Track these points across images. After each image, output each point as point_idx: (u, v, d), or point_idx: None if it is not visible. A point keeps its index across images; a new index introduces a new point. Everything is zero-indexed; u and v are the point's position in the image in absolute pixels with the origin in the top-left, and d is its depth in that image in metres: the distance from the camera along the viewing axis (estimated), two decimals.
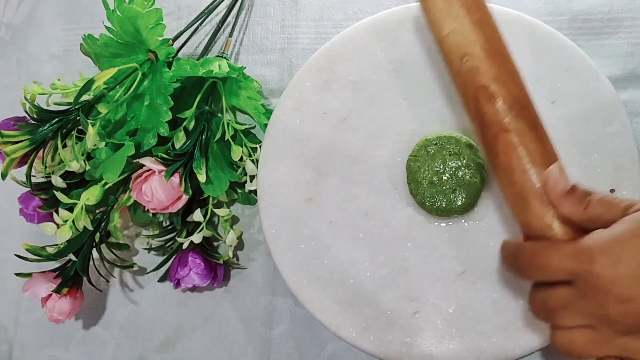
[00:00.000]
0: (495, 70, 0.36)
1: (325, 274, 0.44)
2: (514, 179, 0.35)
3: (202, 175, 0.47)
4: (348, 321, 0.43)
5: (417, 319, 0.42)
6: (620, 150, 0.42)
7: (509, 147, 0.35)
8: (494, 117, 0.35)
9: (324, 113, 0.47)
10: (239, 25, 0.55)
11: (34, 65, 0.59)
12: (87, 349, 0.53)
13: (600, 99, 0.43)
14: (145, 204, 0.47)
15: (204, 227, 0.49)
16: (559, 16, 0.49)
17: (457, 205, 0.43)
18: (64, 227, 0.47)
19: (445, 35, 0.37)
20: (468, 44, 0.36)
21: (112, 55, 0.49)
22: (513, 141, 0.35)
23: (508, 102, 0.35)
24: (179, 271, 0.48)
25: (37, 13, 0.60)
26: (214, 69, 0.48)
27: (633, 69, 0.47)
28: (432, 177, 0.43)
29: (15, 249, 0.48)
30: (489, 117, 0.35)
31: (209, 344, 0.50)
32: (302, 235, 0.45)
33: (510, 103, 0.35)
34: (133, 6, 0.46)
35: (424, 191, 0.43)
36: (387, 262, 0.44)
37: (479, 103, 0.35)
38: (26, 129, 0.46)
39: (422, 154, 0.44)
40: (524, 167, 0.34)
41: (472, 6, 0.37)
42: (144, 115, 0.48)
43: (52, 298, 0.48)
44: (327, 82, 0.47)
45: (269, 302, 0.50)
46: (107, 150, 0.48)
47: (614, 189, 0.42)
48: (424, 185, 0.43)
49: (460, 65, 0.36)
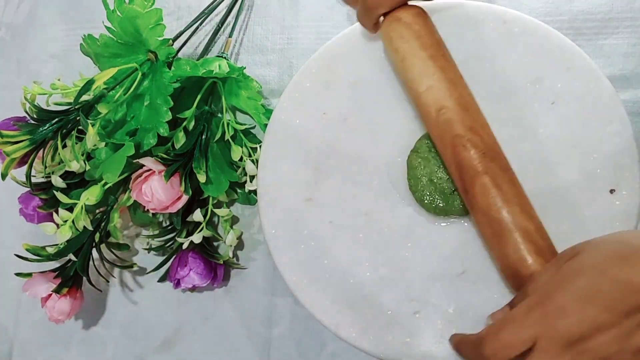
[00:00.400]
0: (469, 121, 0.39)
1: (325, 274, 0.44)
2: (491, 216, 0.38)
3: (202, 175, 0.47)
4: (348, 321, 0.42)
5: (417, 319, 0.42)
6: (620, 150, 0.42)
7: (485, 188, 0.38)
8: (470, 162, 0.38)
9: (324, 113, 0.47)
10: (239, 26, 0.55)
11: (34, 65, 0.59)
12: (87, 349, 0.53)
13: (600, 99, 0.43)
14: (145, 204, 0.47)
15: (204, 227, 0.49)
16: (559, 16, 0.49)
17: (455, 206, 0.43)
18: (63, 227, 0.46)
19: (423, 91, 0.40)
20: (444, 98, 0.40)
21: (112, 55, 0.49)
22: (489, 183, 0.38)
23: (482, 148, 0.39)
24: (178, 271, 0.48)
25: (37, 13, 0.61)
26: (214, 69, 0.48)
27: (633, 69, 0.47)
28: (431, 175, 0.43)
29: (16, 249, 0.48)
30: (466, 162, 0.39)
31: (209, 344, 0.50)
32: (302, 235, 0.45)
33: (484, 149, 0.39)
34: (133, 6, 0.46)
35: (423, 188, 0.43)
36: (387, 262, 0.44)
37: (456, 150, 0.39)
38: (26, 129, 0.46)
39: (424, 150, 0.44)
40: (499, 205, 0.37)
41: (445, 66, 0.41)
42: (144, 116, 0.48)
43: (52, 298, 0.48)
44: (327, 82, 0.47)
45: (269, 302, 0.50)
46: (107, 151, 0.48)
47: (614, 189, 0.42)
48: (424, 182, 0.43)
49: (437, 117, 0.40)
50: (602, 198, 0.42)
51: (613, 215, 0.41)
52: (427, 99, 0.40)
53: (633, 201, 0.41)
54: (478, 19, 0.45)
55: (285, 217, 0.45)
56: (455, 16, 0.46)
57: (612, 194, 0.41)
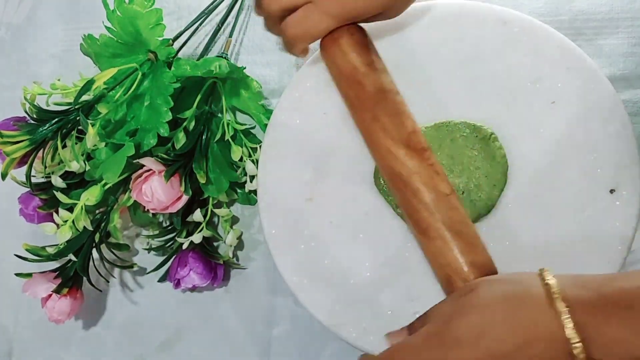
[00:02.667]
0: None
1: (325, 274, 0.44)
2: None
3: (202, 176, 0.47)
4: (348, 321, 0.42)
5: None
6: (620, 150, 0.42)
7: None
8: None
9: (324, 113, 0.46)
10: (239, 26, 0.55)
11: (34, 65, 0.59)
12: (87, 349, 0.53)
13: (600, 99, 0.43)
14: (145, 204, 0.47)
15: (204, 227, 0.49)
16: (559, 16, 0.49)
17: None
18: (63, 227, 0.47)
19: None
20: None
21: (112, 55, 0.49)
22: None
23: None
24: (179, 271, 0.48)
25: (37, 13, 0.61)
26: (213, 69, 0.48)
27: (633, 69, 0.47)
28: None
29: (16, 249, 0.48)
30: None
31: (209, 344, 0.50)
32: (302, 235, 0.45)
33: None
34: (133, 6, 0.46)
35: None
36: (388, 262, 0.44)
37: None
38: (26, 129, 0.46)
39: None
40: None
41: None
42: (144, 116, 0.48)
43: (52, 298, 0.48)
44: (328, 82, 0.47)
45: (269, 302, 0.50)
46: (107, 151, 0.48)
47: (614, 189, 0.42)
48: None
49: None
50: (602, 198, 0.42)
51: (613, 215, 0.41)
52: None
53: (633, 201, 0.41)
54: (478, 19, 0.45)
55: (285, 217, 0.45)
56: (455, 16, 0.46)
57: (612, 194, 0.41)
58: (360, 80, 0.40)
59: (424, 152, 0.38)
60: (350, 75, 0.40)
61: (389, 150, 0.38)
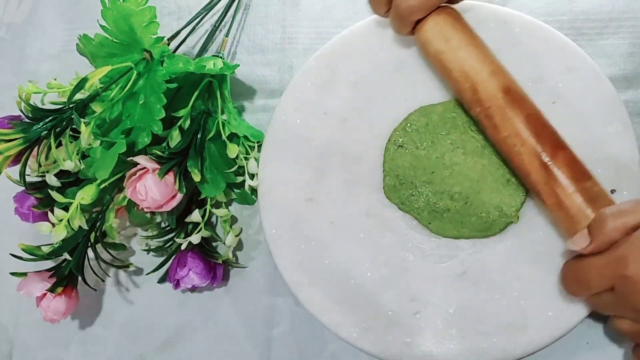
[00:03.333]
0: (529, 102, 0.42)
1: (325, 274, 0.44)
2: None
3: (197, 174, 0.47)
4: (348, 321, 0.42)
5: (417, 319, 0.42)
6: (621, 150, 0.42)
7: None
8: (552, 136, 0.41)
9: (324, 113, 0.46)
10: (239, 25, 0.55)
11: (34, 65, 0.59)
12: (88, 349, 0.52)
13: (601, 99, 0.43)
14: (139, 202, 0.46)
15: (202, 228, 0.48)
16: (560, 16, 0.49)
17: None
18: (59, 226, 0.46)
19: (487, 76, 0.41)
20: (508, 80, 0.41)
21: (107, 55, 0.49)
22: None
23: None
24: (178, 271, 0.48)
25: (37, 13, 0.60)
26: (206, 64, 0.47)
27: (634, 69, 0.47)
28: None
29: (14, 248, 0.48)
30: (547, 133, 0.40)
31: (209, 344, 0.50)
32: (303, 235, 0.44)
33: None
34: (127, 4, 0.45)
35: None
36: (388, 262, 0.44)
37: (533, 124, 0.40)
38: (20, 127, 0.45)
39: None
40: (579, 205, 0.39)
41: (490, 54, 0.42)
42: (139, 114, 0.47)
43: (46, 297, 0.47)
44: (328, 82, 0.47)
45: (269, 302, 0.49)
46: (102, 149, 0.47)
47: (614, 189, 0.42)
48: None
49: (505, 98, 0.41)
50: None
51: None
52: (491, 83, 0.41)
53: None
54: (479, 19, 0.45)
55: (285, 217, 0.45)
56: None
57: (612, 194, 0.41)
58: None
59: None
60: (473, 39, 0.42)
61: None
